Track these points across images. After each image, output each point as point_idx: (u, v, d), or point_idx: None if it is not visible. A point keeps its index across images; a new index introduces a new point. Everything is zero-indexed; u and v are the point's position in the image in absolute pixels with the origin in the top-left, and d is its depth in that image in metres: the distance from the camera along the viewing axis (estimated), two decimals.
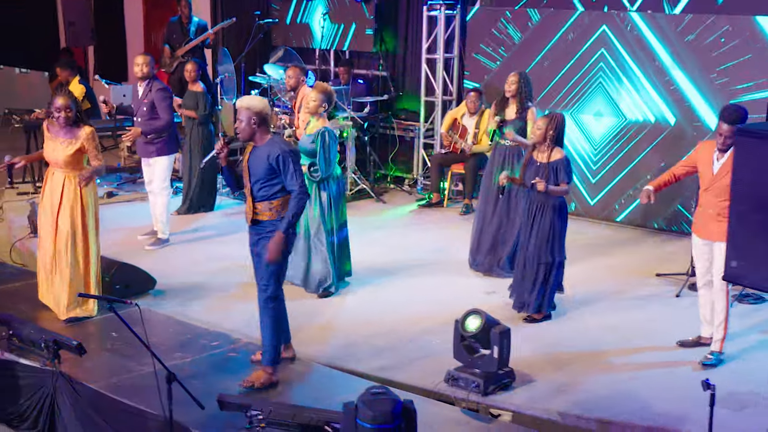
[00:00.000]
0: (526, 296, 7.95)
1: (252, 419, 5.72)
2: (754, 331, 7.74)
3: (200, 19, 13.40)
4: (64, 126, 7.54)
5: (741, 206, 4.15)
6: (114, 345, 7.16)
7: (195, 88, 11.07)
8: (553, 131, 7.64)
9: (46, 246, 7.65)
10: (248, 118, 6.39)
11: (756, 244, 4.10)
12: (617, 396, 6.58)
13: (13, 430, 6.93)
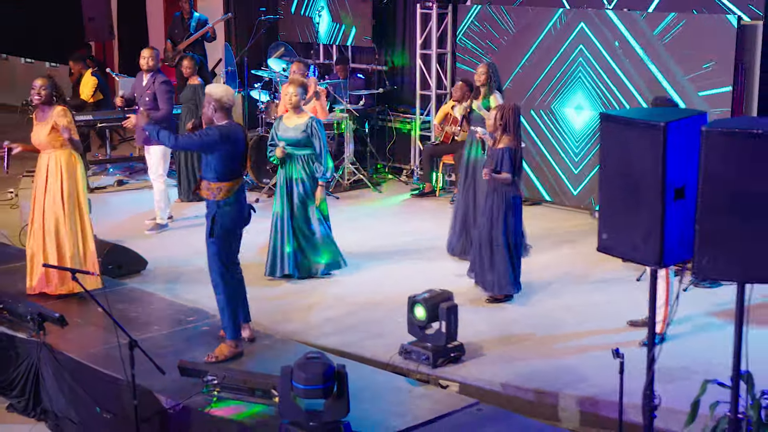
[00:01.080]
0: (486, 277, 8.39)
1: (208, 384, 6.23)
2: (703, 313, 8.12)
3: (201, 14, 13.96)
4: (40, 106, 8.00)
5: (607, 185, 4.59)
6: (98, 320, 7.68)
7: (193, 82, 11.61)
8: (501, 120, 8.09)
9: (35, 228, 8.14)
10: (209, 103, 6.93)
11: (619, 218, 4.54)
12: (559, 370, 7.03)
13: (4, 398, 7.51)
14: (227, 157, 6.89)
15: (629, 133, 4.45)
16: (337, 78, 13.09)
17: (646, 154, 4.37)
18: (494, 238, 8.27)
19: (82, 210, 8.12)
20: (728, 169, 4.16)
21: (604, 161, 4.60)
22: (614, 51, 10.74)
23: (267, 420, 5.90)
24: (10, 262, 9.03)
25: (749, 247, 4.22)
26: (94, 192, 12.19)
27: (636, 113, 4.83)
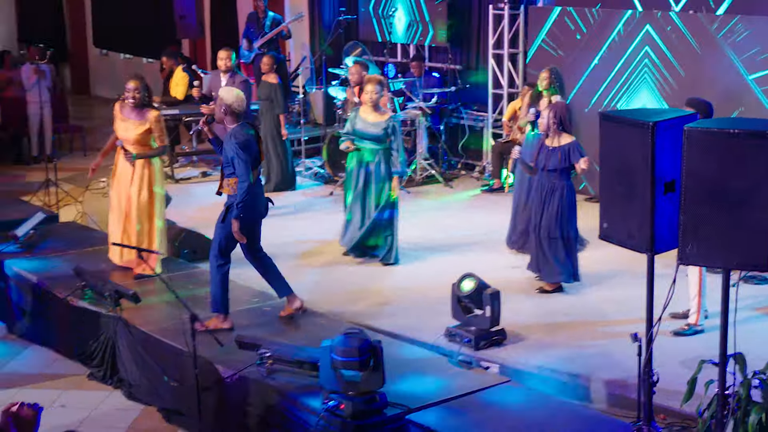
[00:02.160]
0: (542, 268, 8.85)
1: (261, 356, 6.83)
2: (745, 308, 8.41)
3: (275, 14, 14.64)
4: (133, 108, 8.73)
5: (606, 178, 5.05)
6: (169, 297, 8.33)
7: (270, 80, 12.27)
8: (554, 119, 8.53)
9: (116, 214, 8.86)
10: (220, 105, 7.58)
11: (617, 208, 4.99)
12: (594, 355, 7.47)
13: (85, 367, 8.25)
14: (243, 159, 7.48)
15: (623, 131, 4.90)
16: (413, 76, 13.62)
17: (638, 150, 4.81)
18: (550, 231, 8.71)
19: (154, 202, 8.78)
20: (708, 166, 4.58)
21: (603, 157, 5.06)
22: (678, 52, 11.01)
23: (312, 390, 6.46)
24: (95, 245, 9.77)
25: (729, 236, 4.64)
26: (179, 183, 12.96)
27: (632, 113, 5.27)
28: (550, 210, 8.66)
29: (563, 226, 8.65)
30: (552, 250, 8.69)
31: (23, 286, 8.94)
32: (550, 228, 8.65)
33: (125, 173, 8.81)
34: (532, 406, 6.31)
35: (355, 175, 9.73)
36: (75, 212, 12.28)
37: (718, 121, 4.92)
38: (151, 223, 8.82)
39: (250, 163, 7.51)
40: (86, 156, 16.08)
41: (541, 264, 8.82)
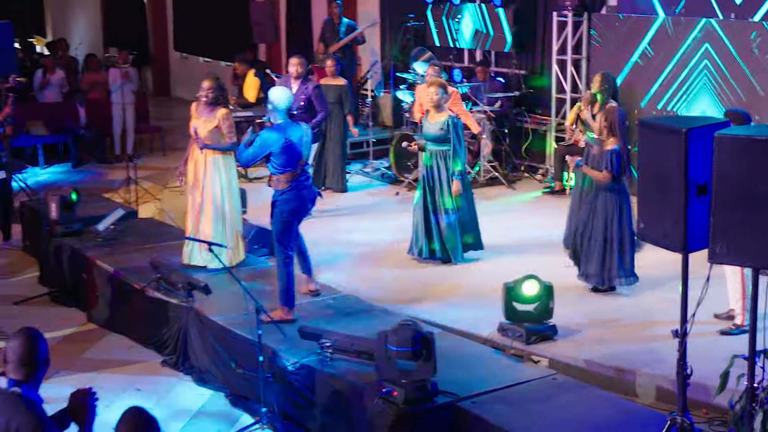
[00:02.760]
0: (594, 269, 9.13)
1: (323, 346, 7.26)
2: None
3: (350, 20, 15.12)
4: (205, 106, 9.20)
5: (643, 181, 5.37)
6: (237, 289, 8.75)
7: (337, 82, 12.71)
8: (606, 122, 8.81)
9: (193, 209, 9.35)
10: (267, 105, 8.17)
11: (653, 209, 5.31)
12: (641, 352, 7.77)
13: (159, 355, 8.77)
14: (283, 152, 7.96)
15: (659, 137, 5.22)
16: (478, 81, 13.97)
17: (672, 155, 5.13)
18: (605, 233, 8.99)
19: (227, 197, 9.24)
20: (737, 170, 4.88)
21: (641, 160, 5.38)
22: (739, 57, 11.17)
23: (368, 377, 6.86)
24: (170, 240, 10.30)
25: (756, 237, 4.93)
26: (253, 182, 13.47)
27: (668, 121, 5.58)
28: (598, 212, 8.94)
29: (611, 228, 8.91)
30: (601, 252, 8.96)
31: (102, 278, 9.48)
32: (600, 230, 8.93)
33: (199, 171, 9.27)
34: (575, 397, 6.63)
35: (423, 177, 10.13)
36: (153, 209, 12.91)
37: (746, 128, 5.20)
38: (224, 217, 9.24)
39: (295, 158, 8.02)
40: (165, 155, 16.76)
41: (595, 266, 9.09)
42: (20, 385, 4.46)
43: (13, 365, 4.47)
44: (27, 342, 4.51)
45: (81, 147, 16.45)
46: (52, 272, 10.35)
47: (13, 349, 4.49)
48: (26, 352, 4.48)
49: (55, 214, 10.34)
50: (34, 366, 4.50)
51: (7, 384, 4.47)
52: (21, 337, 4.54)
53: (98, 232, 10.19)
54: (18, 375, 4.47)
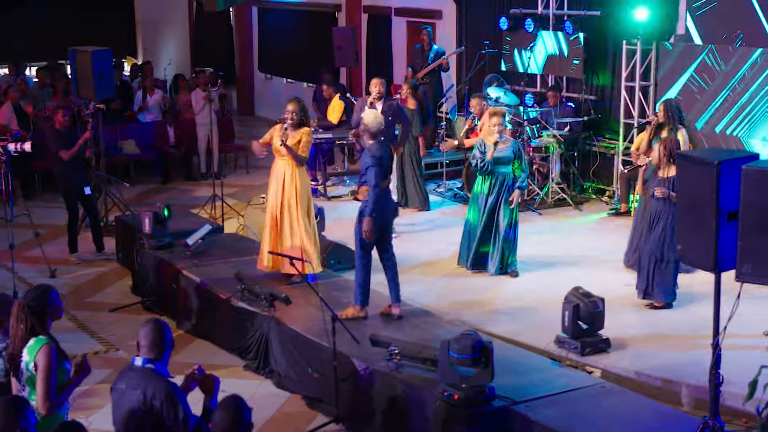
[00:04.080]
0: (648, 287, 9.67)
1: (391, 353, 7.92)
2: None
3: (439, 47, 15.86)
4: (291, 126, 9.92)
5: (682, 208, 5.94)
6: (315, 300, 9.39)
7: (409, 105, 13.41)
8: (665, 151, 9.35)
9: (270, 218, 9.97)
10: (361, 125, 9.02)
11: (689, 233, 5.88)
12: (689, 364, 8.27)
13: (241, 359, 9.50)
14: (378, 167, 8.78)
15: (695, 168, 5.80)
16: (548, 106, 14.55)
17: (706, 185, 5.70)
18: (655, 253, 9.53)
19: (300, 210, 9.89)
20: (762, 198, 5.44)
21: (680, 189, 5.95)
22: None
23: (432, 382, 7.50)
24: (253, 254, 11.02)
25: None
26: (331, 200, 14.21)
27: (704, 153, 6.15)
28: (655, 234, 9.47)
29: (665, 249, 9.43)
30: (656, 272, 9.49)
31: (191, 288, 10.27)
32: (655, 251, 9.47)
33: (275, 184, 9.97)
34: (622, 404, 7.20)
35: (483, 196, 10.75)
36: (237, 224, 13.70)
37: None
38: (299, 221, 9.88)
39: (380, 174, 8.74)
40: (248, 173, 17.61)
41: (653, 284, 9.63)
42: (153, 362, 5.48)
43: (146, 348, 5.47)
44: (156, 328, 5.51)
45: (169, 165, 17.38)
46: (145, 283, 11.17)
47: (145, 333, 5.49)
48: (156, 336, 5.48)
49: (148, 228, 11.16)
50: (163, 347, 5.50)
51: (142, 362, 5.48)
52: (151, 323, 5.56)
53: (188, 245, 10.97)
54: (150, 354, 5.49)
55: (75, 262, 12.56)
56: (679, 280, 9.78)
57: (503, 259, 10.80)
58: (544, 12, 15.39)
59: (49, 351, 5.79)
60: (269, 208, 10.08)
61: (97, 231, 12.86)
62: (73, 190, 12.47)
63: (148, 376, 5.45)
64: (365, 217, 8.81)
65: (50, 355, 5.78)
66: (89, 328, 10.42)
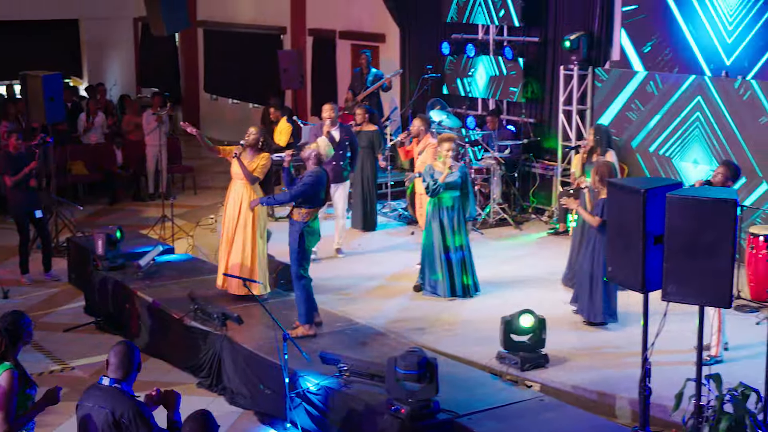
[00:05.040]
0: (586, 306, 10.14)
1: (340, 370, 8.29)
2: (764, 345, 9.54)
3: (378, 70, 16.30)
4: (250, 150, 10.25)
5: (611, 232, 6.40)
6: (266, 320, 9.74)
7: (368, 128, 13.81)
8: (597, 175, 9.85)
9: (226, 238, 10.32)
10: (311, 150, 9.56)
11: (619, 255, 6.34)
12: (623, 378, 8.71)
13: (194, 377, 9.79)
14: (314, 192, 9.24)
15: (623, 195, 6.26)
16: (489, 129, 15.04)
17: (633, 211, 6.16)
18: (595, 271, 10.00)
19: (257, 231, 10.29)
20: (685, 224, 5.91)
21: (609, 215, 6.41)
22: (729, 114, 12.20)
23: (379, 397, 7.88)
24: (204, 275, 11.36)
25: (700, 280, 5.95)
26: (279, 221, 14.52)
27: (631, 182, 6.62)
28: (590, 253, 9.95)
29: (596, 268, 9.90)
30: (592, 291, 9.96)
31: (144, 308, 10.54)
32: (588, 269, 9.94)
33: (233, 204, 10.32)
34: (559, 417, 7.66)
35: (435, 219, 11.16)
36: (187, 245, 13.97)
37: (692, 189, 6.21)
38: (254, 242, 10.26)
39: (307, 193, 9.28)
40: (196, 194, 17.88)
41: (587, 303, 10.10)
42: (119, 383, 5.78)
43: (114, 366, 5.78)
44: (127, 350, 5.83)
45: (117, 186, 17.59)
46: (98, 303, 11.42)
47: (116, 353, 5.80)
48: (125, 358, 5.79)
49: (101, 249, 11.42)
50: (131, 369, 5.82)
51: (109, 382, 5.78)
52: (123, 345, 5.88)
53: (140, 266, 11.25)
54: (118, 374, 5.80)
55: (26, 283, 12.75)
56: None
57: (453, 282, 11.16)
58: (484, 37, 15.91)
59: (10, 377, 6.04)
60: (225, 230, 10.39)
61: (48, 252, 13.05)
62: (23, 212, 12.67)
63: (116, 396, 5.75)
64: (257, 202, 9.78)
65: (11, 381, 6.04)
66: (44, 347, 10.63)
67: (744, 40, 12.21)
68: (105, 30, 25.40)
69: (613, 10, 13.99)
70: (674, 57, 13.11)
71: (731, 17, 12.34)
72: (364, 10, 18.79)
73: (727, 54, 12.44)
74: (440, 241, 11.09)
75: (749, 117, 11.99)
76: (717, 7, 12.48)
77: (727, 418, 6.36)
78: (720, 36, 12.49)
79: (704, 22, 12.62)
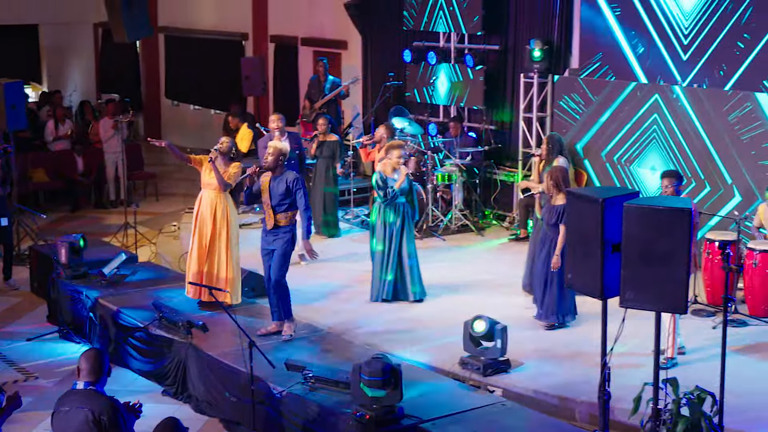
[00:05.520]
0: (543, 308, 10.30)
1: (305, 377, 8.38)
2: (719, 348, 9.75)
3: (335, 78, 16.40)
4: (221, 156, 10.29)
5: (571, 240, 6.55)
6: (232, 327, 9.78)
7: (330, 138, 13.90)
8: (552, 180, 10.02)
9: (199, 249, 10.36)
10: (277, 155, 9.49)
11: (578, 263, 6.49)
12: (583, 382, 8.87)
13: (159, 385, 9.84)
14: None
15: (582, 204, 6.41)
16: (451, 135, 15.20)
17: (592, 219, 6.32)
18: (549, 276, 10.17)
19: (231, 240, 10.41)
20: (642, 233, 6.07)
21: (569, 223, 6.56)
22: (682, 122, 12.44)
23: (345, 403, 7.98)
24: (169, 282, 11.41)
25: (657, 286, 6.11)
26: (241, 228, 14.54)
27: (589, 191, 6.78)
28: (543, 257, 10.13)
29: (550, 271, 10.07)
30: (553, 293, 10.13)
31: (108, 316, 10.56)
32: (543, 273, 10.11)
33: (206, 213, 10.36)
34: (521, 421, 7.81)
35: (384, 226, 11.28)
36: (149, 252, 13.99)
37: (649, 199, 6.37)
38: (229, 251, 10.36)
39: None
40: (158, 200, 17.89)
41: (543, 305, 10.27)
42: (94, 385, 5.96)
43: (86, 371, 5.95)
44: (97, 355, 6.03)
45: (79, 193, 17.55)
46: (61, 311, 11.41)
47: (87, 360, 5.97)
48: (96, 362, 5.98)
49: (64, 258, 11.43)
50: (102, 372, 6.00)
51: (84, 385, 5.96)
52: (93, 351, 6.10)
53: (104, 275, 11.27)
54: (91, 378, 5.97)
55: None
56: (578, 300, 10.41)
57: (403, 286, 11.34)
58: (446, 45, 16.07)
59: None
60: (198, 239, 10.41)
61: (9, 261, 13.03)
62: None
63: (93, 396, 5.92)
64: (308, 238, 9.65)
65: None
66: (7, 357, 10.63)
67: (693, 49, 12.50)
68: (65, 35, 25.29)
69: (572, 18, 14.20)
70: (609, 65, 13.43)
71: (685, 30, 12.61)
72: (326, 17, 18.90)
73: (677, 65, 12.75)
74: (388, 246, 11.24)
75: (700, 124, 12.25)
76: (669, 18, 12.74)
77: (683, 421, 6.54)
78: (670, 48, 12.78)
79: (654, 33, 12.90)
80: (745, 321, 10.55)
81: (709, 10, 12.22)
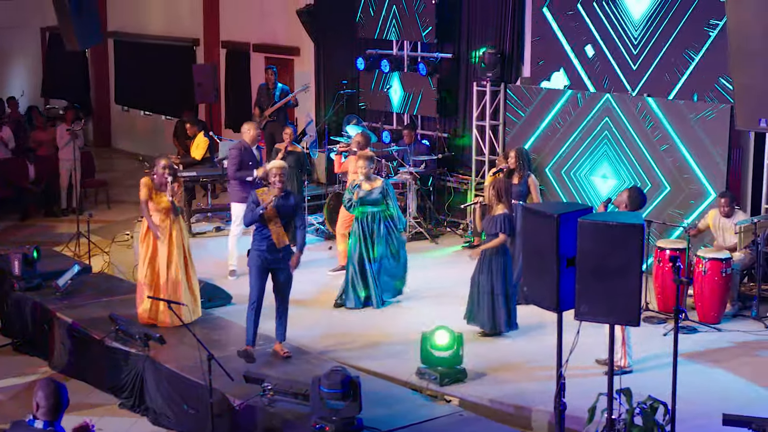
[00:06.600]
0: (485, 318, 10.41)
1: (264, 389, 8.42)
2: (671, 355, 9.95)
3: (284, 85, 16.47)
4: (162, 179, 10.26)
5: (526, 254, 6.68)
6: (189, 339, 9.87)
7: (295, 149, 13.90)
8: (494, 191, 10.17)
9: (161, 268, 10.33)
10: (286, 174, 9.62)
11: (533, 276, 6.63)
12: (537, 391, 9.02)
13: (116, 398, 9.83)
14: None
15: (537, 219, 6.54)
16: (404, 144, 15.30)
17: (547, 234, 6.44)
18: (493, 287, 10.30)
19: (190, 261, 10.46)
20: (595, 247, 6.21)
21: (524, 238, 6.69)
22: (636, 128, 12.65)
23: (304, 415, 8.04)
24: (124, 293, 11.38)
25: (610, 299, 6.26)
26: (196, 237, 14.57)
27: (545, 207, 6.92)
28: (486, 268, 10.26)
29: (495, 283, 10.22)
30: (496, 304, 10.26)
31: (62, 329, 10.52)
32: (486, 284, 10.24)
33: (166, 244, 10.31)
34: (477, 431, 7.91)
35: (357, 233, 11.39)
36: (102, 262, 13.91)
37: (603, 214, 6.52)
38: (187, 271, 10.40)
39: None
40: (110, 208, 17.79)
41: (485, 315, 10.39)
42: (53, 424, 5.76)
43: (45, 410, 5.73)
44: (56, 391, 5.79)
45: (29, 201, 17.40)
46: (15, 324, 11.36)
47: (46, 397, 5.75)
48: (56, 400, 5.77)
49: (17, 270, 11.36)
50: (61, 409, 5.80)
51: (43, 425, 5.74)
52: (51, 387, 5.81)
53: (58, 287, 11.21)
54: (50, 417, 5.76)
55: None
56: (530, 311, 10.47)
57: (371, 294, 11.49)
58: (399, 53, 16.18)
59: None
60: (159, 268, 10.33)
61: None
62: None
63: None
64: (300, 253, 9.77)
65: None
66: None
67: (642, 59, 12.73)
68: (10, 39, 25.03)
69: (524, 28, 14.37)
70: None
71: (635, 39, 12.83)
72: (278, 23, 18.94)
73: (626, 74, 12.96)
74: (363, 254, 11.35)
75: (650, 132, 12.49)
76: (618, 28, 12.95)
77: (637, 430, 6.69)
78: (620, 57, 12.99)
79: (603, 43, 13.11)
80: (695, 328, 10.76)
81: (657, 20, 12.47)
